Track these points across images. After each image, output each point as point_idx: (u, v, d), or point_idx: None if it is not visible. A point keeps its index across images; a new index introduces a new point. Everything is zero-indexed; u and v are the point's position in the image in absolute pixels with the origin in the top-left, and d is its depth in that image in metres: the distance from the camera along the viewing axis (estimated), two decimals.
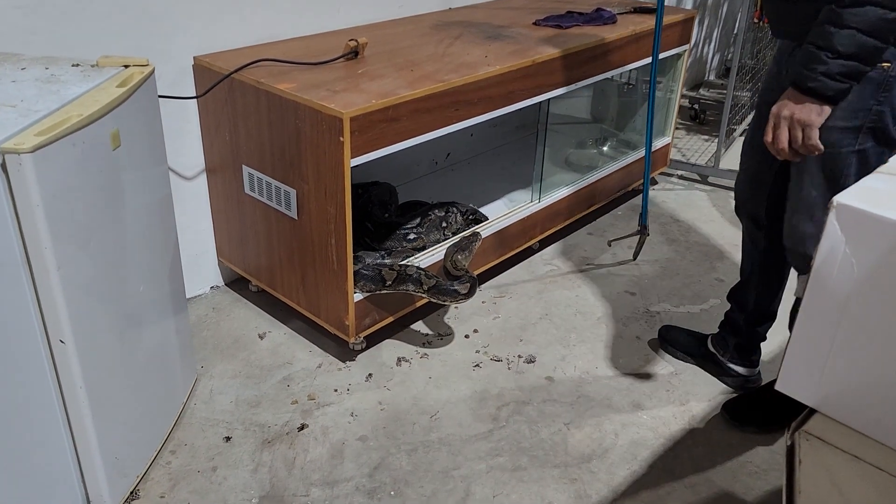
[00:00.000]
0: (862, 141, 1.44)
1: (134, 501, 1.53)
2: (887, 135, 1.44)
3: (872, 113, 1.41)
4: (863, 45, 1.27)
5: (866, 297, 0.85)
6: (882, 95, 1.39)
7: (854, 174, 1.47)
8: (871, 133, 1.43)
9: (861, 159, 1.46)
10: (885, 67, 1.35)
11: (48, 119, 1.21)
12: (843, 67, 1.29)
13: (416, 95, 1.72)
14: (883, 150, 1.46)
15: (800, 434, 0.90)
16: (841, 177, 1.47)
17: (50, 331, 1.27)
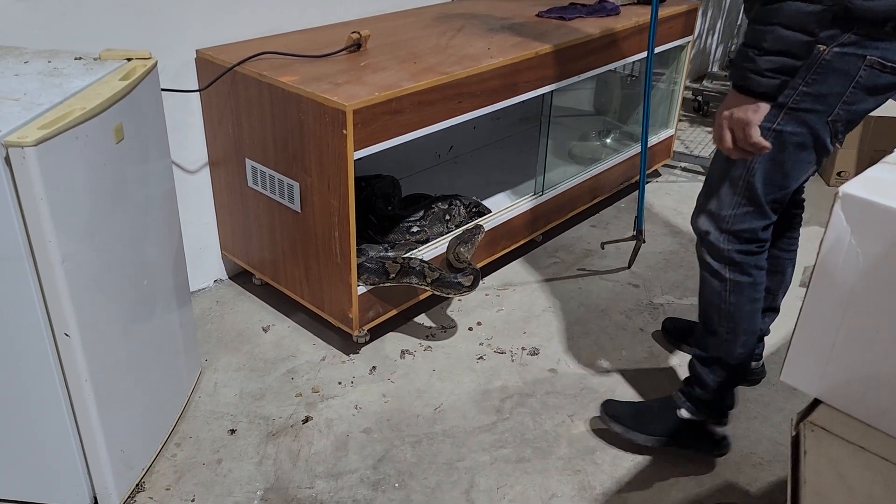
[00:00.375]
0: (782, 122, 1.36)
1: (139, 494, 1.54)
2: (810, 126, 1.36)
3: (797, 93, 1.34)
4: (786, 39, 1.26)
5: (871, 288, 0.84)
6: (811, 77, 1.33)
7: (762, 160, 1.40)
8: (793, 116, 1.36)
9: (777, 143, 1.37)
10: (820, 49, 1.30)
11: (51, 112, 1.21)
12: (770, 63, 1.28)
13: (418, 88, 1.72)
14: (803, 142, 1.37)
15: (805, 425, 0.90)
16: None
17: (55, 324, 1.27)
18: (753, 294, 1.51)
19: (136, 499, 1.52)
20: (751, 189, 1.42)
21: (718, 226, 1.47)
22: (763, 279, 1.52)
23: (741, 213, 1.45)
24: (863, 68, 1.29)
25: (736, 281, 1.49)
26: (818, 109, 1.34)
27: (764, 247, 1.49)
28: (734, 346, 1.54)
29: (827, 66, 1.31)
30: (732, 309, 1.52)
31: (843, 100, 1.33)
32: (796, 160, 1.39)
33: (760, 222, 1.45)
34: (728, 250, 1.48)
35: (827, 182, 2.98)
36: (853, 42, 1.28)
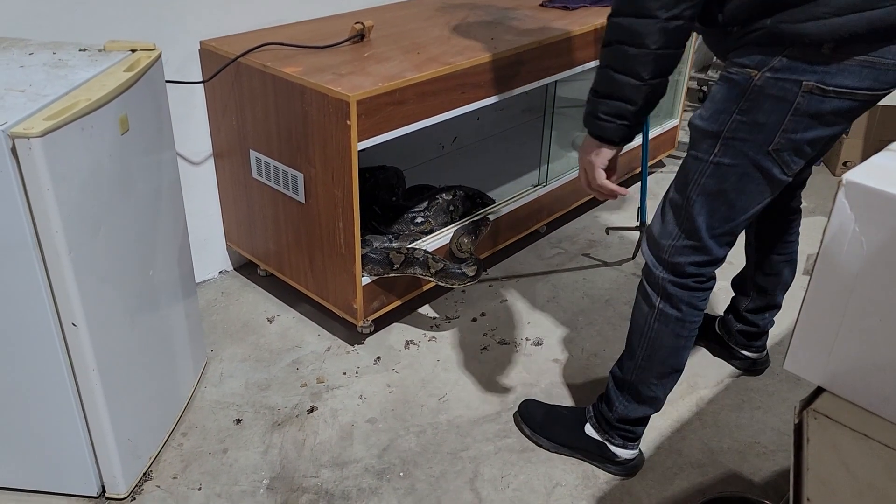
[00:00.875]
0: (719, 153, 1.27)
1: (147, 482, 1.55)
2: (749, 157, 1.25)
3: (732, 122, 1.24)
4: (614, 82, 1.24)
5: (875, 275, 0.85)
6: (744, 105, 1.22)
7: (702, 193, 1.30)
8: (729, 147, 1.26)
9: (717, 176, 1.28)
10: (750, 74, 1.20)
11: (56, 104, 1.21)
12: (606, 107, 1.27)
13: (422, 78, 1.72)
14: (744, 173, 1.27)
15: (808, 413, 0.90)
16: (690, 183, 1.32)
17: (62, 314, 1.28)
18: (679, 330, 1.43)
19: (144, 487, 1.54)
20: (690, 222, 1.33)
21: (656, 253, 1.40)
22: (696, 318, 1.43)
23: (679, 245, 1.36)
24: (800, 94, 1.18)
25: (664, 312, 1.42)
26: (755, 139, 1.24)
27: (705, 284, 1.40)
28: (648, 376, 1.49)
29: (759, 93, 1.21)
30: (654, 336, 1.45)
31: (782, 128, 1.22)
32: (741, 192, 1.29)
33: (699, 257, 1.36)
34: (662, 279, 1.40)
35: (833, 172, 2.98)
36: (785, 67, 1.18)
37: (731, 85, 1.24)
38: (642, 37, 1.20)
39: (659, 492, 1.57)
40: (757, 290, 1.80)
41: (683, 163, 1.35)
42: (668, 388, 1.51)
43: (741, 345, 1.89)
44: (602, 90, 1.28)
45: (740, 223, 1.34)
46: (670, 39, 1.20)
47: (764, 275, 1.77)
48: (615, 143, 1.33)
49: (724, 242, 1.36)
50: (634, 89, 1.25)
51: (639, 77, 1.23)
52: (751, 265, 1.79)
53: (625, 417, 1.54)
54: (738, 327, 1.87)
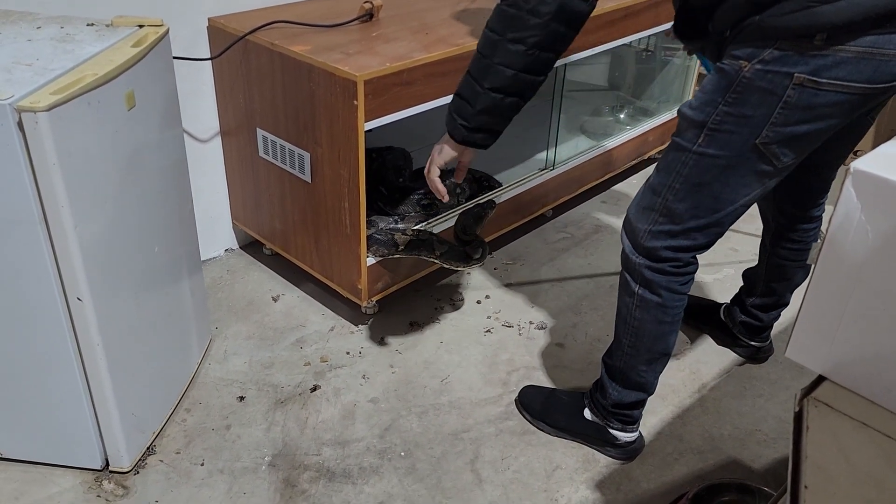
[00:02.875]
0: (703, 143, 1.25)
1: (150, 457, 1.56)
2: (734, 149, 1.22)
3: (718, 112, 1.22)
4: (464, 81, 1.39)
5: (880, 264, 0.84)
6: (731, 96, 1.20)
7: (684, 182, 1.28)
8: (714, 138, 1.23)
9: (699, 166, 1.27)
10: (740, 66, 1.18)
11: (63, 78, 1.21)
12: (454, 103, 1.42)
13: (430, 59, 1.71)
14: (728, 165, 1.24)
15: (808, 401, 0.90)
16: (672, 172, 1.30)
17: (67, 289, 1.29)
18: (662, 316, 1.42)
19: (147, 462, 1.55)
20: (669, 208, 1.32)
21: (633, 239, 1.39)
22: (677, 303, 1.41)
23: (655, 230, 1.34)
24: (791, 87, 1.15)
25: (644, 298, 1.41)
26: (741, 132, 1.21)
27: (682, 269, 1.38)
28: (636, 362, 1.48)
29: (747, 86, 1.18)
30: (637, 324, 1.44)
31: (770, 121, 1.19)
32: (725, 183, 1.27)
33: (675, 242, 1.34)
34: (638, 265, 1.38)
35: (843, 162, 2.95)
36: (776, 59, 1.14)
37: (721, 75, 1.21)
38: (491, 51, 1.32)
39: (658, 476, 1.57)
40: (767, 290, 1.78)
41: (667, 149, 1.33)
42: (657, 372, 1.51)
43: (744, 335, 1.89)
44: (458, 87, 1.41)
45: (727, 214, 1.31)
46: (514, 61, 1.30)
47: (776, 280, 1.75)
48: (454, 139, 1.43)
49: (709, 234, 1.34)
50: (475, 93, 1.36)
51: (480, 84, 1.35)
52: (763, 265, 1.77)
53: (619, 403, 1.55)
54: (742, 319, 1.86)
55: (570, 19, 1.28)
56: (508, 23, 1.28)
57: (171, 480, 1.52)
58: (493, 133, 1.44)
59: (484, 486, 1.54)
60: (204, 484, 1.52)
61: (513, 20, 1.27)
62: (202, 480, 1.52)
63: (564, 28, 1.28)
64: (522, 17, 1.26)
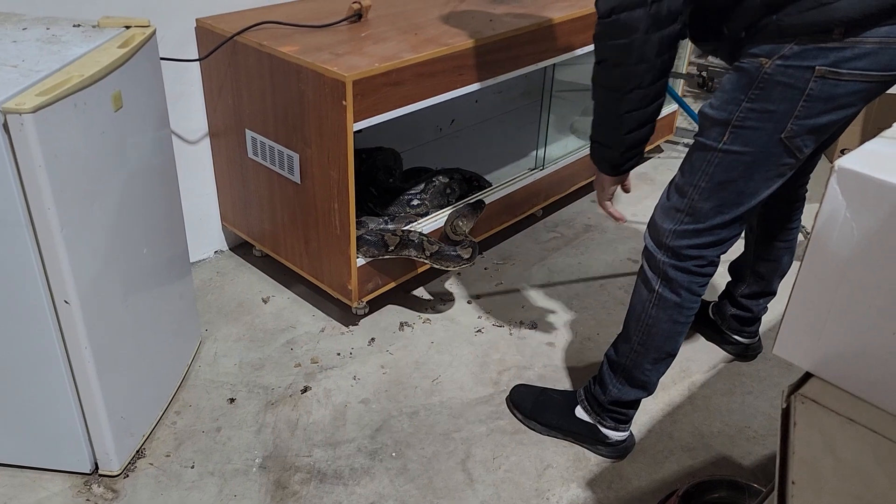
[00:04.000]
0: (729, 141, 1.27)
1: (140, 460, 1.56)
2: (759, 144, 1.25)
3: (741, 110, 1.24)
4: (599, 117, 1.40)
5: (865, 262, 0.85)
6: (754, 93, 1.22)
7: (710, 181, 1.31)
8: (738, 135, 1.26)
9: (724, 163, 1.29)
10: (761, 63, 1.20)
11: (49, 79, 1.21)
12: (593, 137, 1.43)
13: (419, 59, 1.71)
14: (754, 161, 1.27)
15: (795, 397, 0.90)
16: (698, 172, 1.32)
17: (54, 291, 1.28)
18: (677, 316, 1.43)
19: (137, 465, 1.55)
20: (696, 208, 1.34)
21: (657, 238, 1.40)
22: (693, 304, 1.43)
23: (681, 229, 1.36)
24: (813, 80, 1.18)
25: (663, 296, 1.42)
26: (766, 128, 1.24)
27: (705, 268, 1.40)
28: (643, 361, 1.49)
29: (769, 81, 1.20)
30: (651, 322, 1.45)
31: (794, 115, 1.21)
32: (750, 178, 1.30)
33: (701, 240, 1.36)
34: (663, 263, 1.40)
35: (830, 160, 2.97)
36: (796, 54, 1.17)
37: (741, 73, 1.24)
38: (616, 105, 1.32)
39: (649, 474, 1.58)
40: (755, 276, 1.80)
41: (691, 149, 1.35)
42: (661, 373, 1.52)
43: (734, 330, 1.89)
44: (595, 134, 1.43)
45: (750, 207, 1.34)
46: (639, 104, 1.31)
47: (763, 261, 1.77)
48: (609, 175, 1.47)
49: (732, 229, 1.37)
50: (616, 140, 1.37)
51: (617, 132, 1.36)
52: (750, 251, 1.79)
53: (618, 400, 1.55)
54: (732, 312, 1.87)
55: (673, 44, 1.28)
56: (623, 80, 1.28)
57: (161, 483, 1.51)
58: (641, 154, 1.44)
59: (475, 485, 1.54)
60: (194, 487, 1.51)
61: (627, 76, 1.27)
62: (192, 483, 1.52)
63: (668, 54, 1.28)
64: (630, 70, 1.27)
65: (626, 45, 1.23)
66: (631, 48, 1.23)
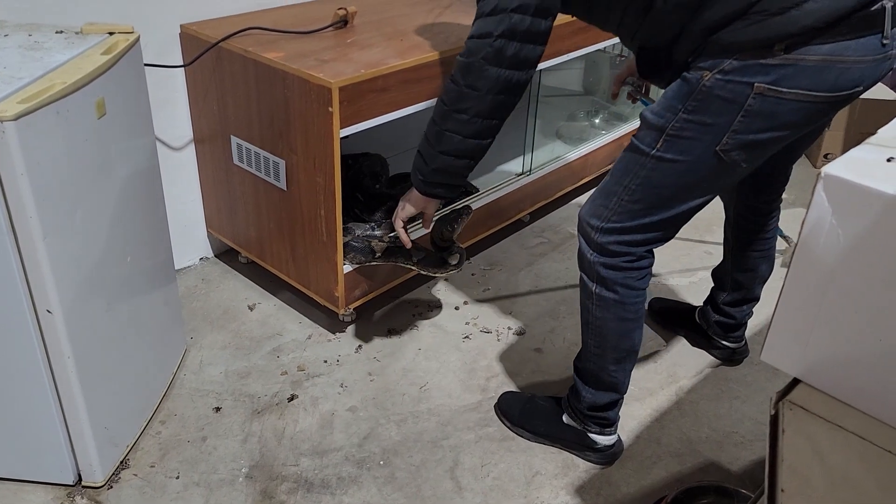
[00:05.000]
0: (662, 148, 1.26)
1: (124, 471, 1.54)
2: (694, 155, 1.24)
3: (677, 119, 1.23)
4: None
5: (851, 268, 0.85)
6: (691, 104, 1.21)
7: (641, 184, 1.30)
8: (673, 143, 1.25)
9: (657, 169, 1.28)
10: (701, 75, 1.19)
11: (31, 86, 1.19)
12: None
13: (405, 65, 1.70)
14: (687, 170, 1.25)
15: (783, 404, 0.91)
16: (629, 174, 1.31)
17: (37, 300, 1.27)
18: (622, 313, 1.43)
19: (121, 476, 1.53)
20: (623, 208, 1.34)
21: (586, 235, 1.40)
22: (636, 299, 1.42)
23: (607, 227, 1.36)
24: (752, 96, 1.17)
25: (601, 296, 1.42)
26: (702, 139, 1.23)
27: (636, 263, 1.39)
28: (604, 363, 1.49)
29: (708, 94, 1.19)
30: (599, 324, 1.45)
31: (731, 129, 1.20)
32: (682, 186, 1.29)
33: (627, 237, 1.36)
34: (593, 262, 1.40)
35: (814, 164, 3.00)
36: (736, 69, 1.16)
37: (683, 83, 1.24)
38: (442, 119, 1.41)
39: (637, 480, 1.58)
40: (734, 284, 1.80)
41: (626, 149, 1.34)
42: (627, 371, 1.52)
43: (719, 335, 1.90)
44: (419, 145, 1.49)
45: (681, 213, 1.33)
46: (460, 128, 1.40)
47: (741, 271, 1.77)
48: (417, 190, 1.57)
49: (663, 229, 1.36)
50: (430, 154, 1.47)
51: (434, 147, 1.46)
52: (728, 261, 1.80)
53: (593, 405, 1.55)
54: (716, 318, 1.88)
55: (511, 89, 1.34)
56: (454, 96, 1.36)
57: (146, 495, 1.49)
58: (450, 187, 1.55)
59: (464, 493, 1.53)
60: (179, 497, 1.49)
61: (458, 95, 1.35)
62: (177, 494, 1.50)
63: (504, 97, 1.35)
64: (462, 91, 1.35)
65: (465, 64, 1.32)
66: (468, 70, 1.31)
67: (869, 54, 1.16)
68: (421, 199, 1.58)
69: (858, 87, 1.20)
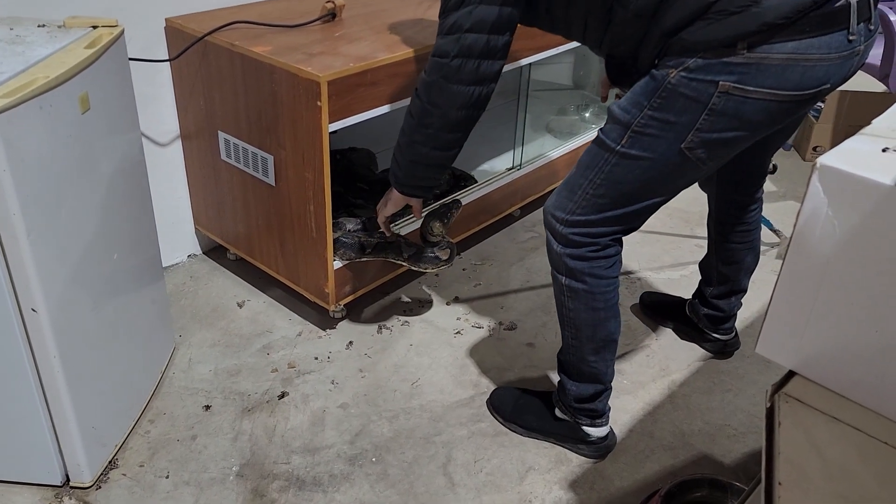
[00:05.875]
0: (627, 144, 1.26)
1: (113, 471, 1.52)
2: (658, 152, 1.24)
3: (642, 116, 1.23)
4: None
5: (847, 259, 0.84)
6: (656, 101, 1.21)
7: (606, 178, 1.29)
8: (637, 140, 1.24)
9: (622, 165, 1.27)
10: (668, 73, 1.19)
11: (13, 81, 1.17)
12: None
13: (395, 59, 1.69)
14: (651, 167, 1.25)
15: (779, 396, 0.90)
16: (594, 168, 1.31)
17: (21, 299, 1.25)
18: (592, 303, 1.42)
19: (110, 476, 1.51)
20: (586, 201, 1.33)
21: (551, 227, 1.40)
22: (605, 288, 1.41)
23: (571, 219, 1.35)
24: (717, 95, 1.16)
25: (571, 287, 1.41)
26: (666, 136, 1.23)
27: (601, 252, 1.38)
28: (583, 353, 1.49)
29: (673, 92, 1.19)
30: (572, 315, 1.45)
31: (695, 127, 1.20)
32: (646, 182, 1.29)
33: (594, 229, 1.36)
34: (559, 254, 1.39)
35: (803, 157, 3.00)
36: (700, 67, 1.16)
37: (650, 79, 1.24)
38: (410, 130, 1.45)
39: (631, 474, 1.57)
40: (720, 278, 1.80)
41: (592, 143, 1.34)
42: (608, 360, 1.51)
43: (710, 328, 1.90)
44: (394, 148, 1.51)
45: (646, 206, 1.33)
46: (426, 139, 1.43)
47: (726, 263, 1.77)
48: (395, 190, 1.59)
49: (627, 221, 1.36)
50: (403, 160, 1.51)
51: (404, 155, 1.50)
52: (712, 254, 1.80)
53: (579, 397, 1.55)
54: (705, 312, 1.87)
55: (474, 104, 1.35)
56: (419, 111, 1.39)
57: (135, 495, 1.47)
58: (426, 189, 1.59)
59: (457, 489, 1.52)
60: (169, 497, 1.47)
61: (422, 111, 1.38)
62: (167, 493, 1.48)
63: (467, 111, 1.36)
64: (425, 107, 1.37)
65: (427, 83, 1.34)
66: (429, 88, 1.34)
67: (833, 51, 1.16)
68: (401, 198, 1.61)
69: (825, 86, 1.20)
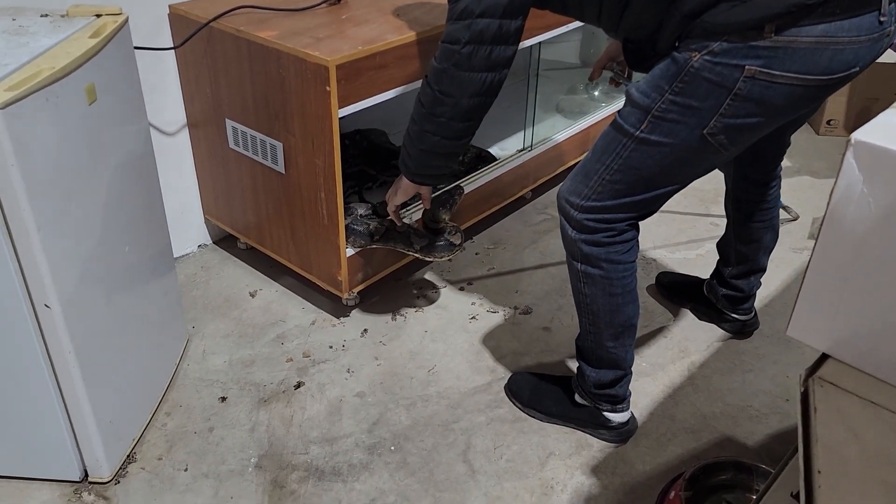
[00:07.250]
0: (647, 130, 1.22)
1: (131, 465, 1.51)
2: (679, 137, 1.20)
3: (663, 101, 1.19)
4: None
5: (883, 238, 0.82)
6: (678, 86, 1.17)
7: (623, 164, 1.26)
8: (658, 125, 1.21)
9: (640, 150, 1.24)
10: (690, 56, 1.15)
11: (18, 73, 1.14)
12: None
13: (404, 41, 1.66)
14: (670, 153, 1.22)
15: (813, 380, 0.88)
16: (611, 153, 1.28)
17: (34, 295, 1.23)
18: (610, 288, 1.39)
19: (128, 470, 1.50)
20: (603, 187, 1.30)
21: (566, 213, 1.37)
22: (623, 273, 1.38)
23: (587, 205, 1.33)
24: (742, 80, 1.12)
25: (587, 273, 1.39)
26: (688, 122, 1.19)
27: (617, 237, 1.35)
28: (602, 339, 1.46)
29: (695, 76, 1.15)
30: (589, 301, 1.43)
31: (718, 113, 1.17)
32: (665, 168, 1.26)
33: (609, 215, 1.33)
34: (575, 240, 1.37)
35: (816, 131, 2.95)
36: (725, 51, 1.12)
37: (671, 62, 1.19)
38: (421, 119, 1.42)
39: (653, 458, 1.56)
40: (739, 257, 1.77)
41: (609, 126, 1.31)
42: (627, 346, 1.49)
43: (728, 308, 1.87)
44: (404, 136, 1.49)
45: (664, 192, 1.31)
46: (437, 129, 1.41)
47: (744, 243, 1.74)
48: (406, 178, 1.56)
49: (644, 206, 1.33)
50: (413, 149, 1.47)
51: (414, 144, 1.47)
52: (730, 234, 1.76)
53: (599, 383, 1.53)
54: (724, 292, 1.85)
55: (486, 90, 1.32)
56: (430, 100, 1.36)
57: (155, 488, 1.47)
58: (438, 177, 1.56)
59: (477, 476, 1.51)
60: (189, 490, 1.47)
61: (433, 100, 1.35)
62: (187, 486, 1.47)
63: (480, 98, 1.33)
64: (436, 96, 1.34)
65: (438, 70, 1.31)
66: (441, 76, 1.31)
67: (864, 34, 1.12)
68: (411, 186, 1.57)
69: (854, 69, 1.16)
